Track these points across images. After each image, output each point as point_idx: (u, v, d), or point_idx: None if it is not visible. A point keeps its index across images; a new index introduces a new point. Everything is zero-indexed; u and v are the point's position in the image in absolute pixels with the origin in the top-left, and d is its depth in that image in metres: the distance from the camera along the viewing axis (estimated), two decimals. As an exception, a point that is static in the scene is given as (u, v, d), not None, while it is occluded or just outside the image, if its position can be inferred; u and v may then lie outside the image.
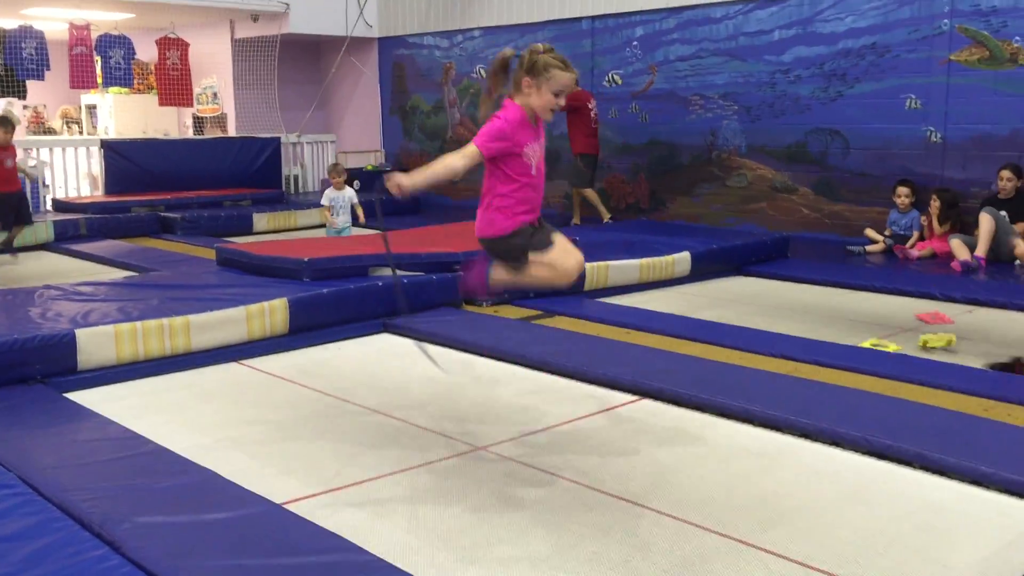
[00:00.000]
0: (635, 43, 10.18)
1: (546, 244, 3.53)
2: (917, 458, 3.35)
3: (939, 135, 8.13)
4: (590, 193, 9.62)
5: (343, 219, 8.41)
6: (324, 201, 8.46)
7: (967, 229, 7.60)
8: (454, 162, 3.40)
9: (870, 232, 8.22)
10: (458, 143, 12.11)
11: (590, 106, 9.45)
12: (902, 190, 8.05)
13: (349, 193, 8.47)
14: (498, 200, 3.49)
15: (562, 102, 3.45)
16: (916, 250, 7.76)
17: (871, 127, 8.53)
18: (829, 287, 6.82)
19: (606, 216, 9.57)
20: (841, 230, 8.76)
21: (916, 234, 7.96)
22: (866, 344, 5.02)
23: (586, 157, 9.46)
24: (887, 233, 8.13)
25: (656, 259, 6.81)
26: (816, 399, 3.96)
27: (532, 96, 3.41)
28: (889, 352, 4.83)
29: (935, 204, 7.79)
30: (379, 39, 13.13)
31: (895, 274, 7.06)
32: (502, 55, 3.49)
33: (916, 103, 8.24)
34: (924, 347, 4.96)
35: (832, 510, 3.05)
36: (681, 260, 6.98)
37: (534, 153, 3.47)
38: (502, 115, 3.44)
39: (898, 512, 3.02)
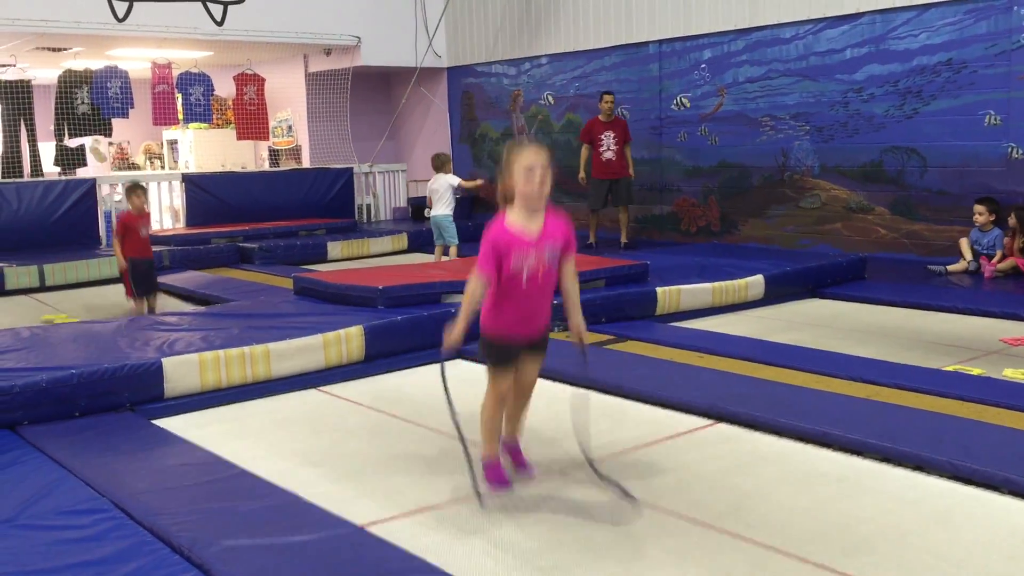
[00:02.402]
0: (703, 65, 10.16)
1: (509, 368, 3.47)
2: (1005, 483, 3.26)
3: (1021, 151, 7.92)
4: (621, 216, 10.23)
5: (434, 209, 8.56)
6: (428, 192, 8.79)
7: (1052, 247, 7.38)
8: (474, 290, 3.35)
9: (964, 244, 7.95)
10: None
11: (601, 137, 9.95)
12: (979, 208, 7.86)
13: (446, 178, 8.61)
14: (491, 301, 3.42)
15: (537, 181, 3.32)
16: (991, 265, 7.54)
17: (949, 144, 8.36)
18: (909, 308, 6.67)
19: (591, 238, 10.18)
20: (920, 250, 8.57)
21: (1000, 252, 7.75)
22: (950, 368, 4.89)
23: (595, 182, 10.08)
24: (970, 255, 7.91)
25: (729, 283, 6.76)
26: (897, 423, 3.88)
27: (514, 190, 3.36)
28: (973, 375, 4.71)
29: (1013, 221, 7.58)
30: (448, 69, 13.34)
31: (978, 294, 6.88)
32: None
33: (996, 119, 8.05)
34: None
35: (916, 536, 2.98)
36: (754, 283, 6.91)
37: (526, 262, 3.33)
38: (492, 226, 3.37)
39: (985, 538, 2.94)
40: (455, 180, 8.70)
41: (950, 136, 8.34)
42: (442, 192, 8.58)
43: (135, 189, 7.16)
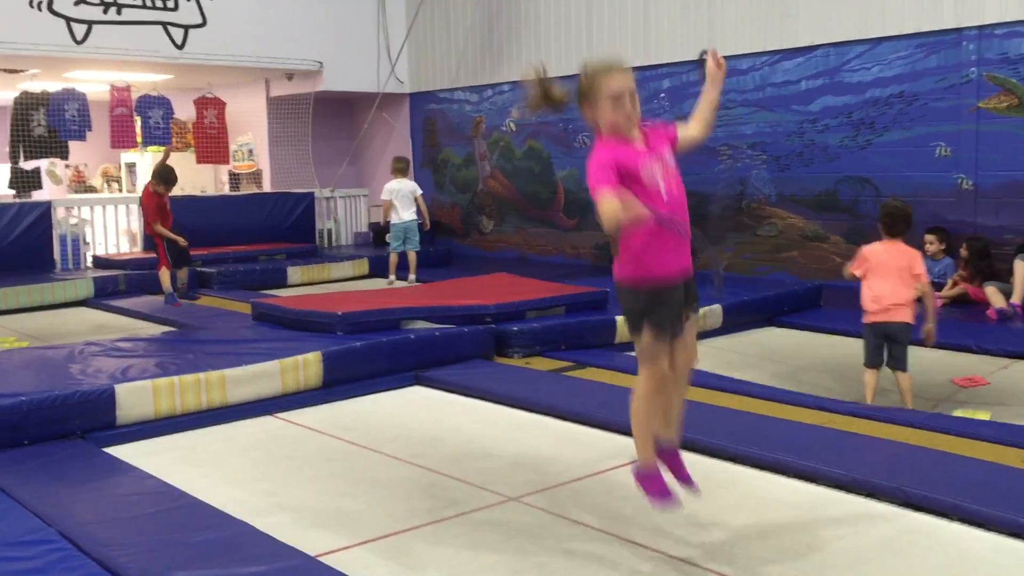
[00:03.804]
0: (663, 95, 10.29)
1: (677, 327, 2.94)
2: (954, 509, 3.31)
3: (970, 182, 8.11)
4: None
5: (405, 213, 8.44)
6: (385, 195, 8.53)
7: (999, 276, 7.53)
8: (614, 203, 2.72)
9: None
10: (489, 195, 12.32)
11: None
12: (929, 237, 8.02)
13: (410, 184, 8.52)
14: (633, 238, 2.91)
15: (629, 108, 2.93)
16: (939, 296, 7.69)
17: (901, 175, 8.52)
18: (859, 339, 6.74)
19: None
20: (874, 278, 8.70)
21: (951, 281, 7.90)
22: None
23: None
24: (920, 281, 8.07)
25: (687, 310, 6.80)
26: (851, 450, 3.94)
27: (600, 120, 2.98)
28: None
29: (965, 252, 7.74)
30: (410, 94, 13.37)
31: (929, 322, 6.98)
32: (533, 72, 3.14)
33: (946, 151, 8.23)
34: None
35: (867, 563, 3.01)
36: (712, 313, 6.97)
37: (655, 173, 2.91)
38: (598, 150, 2.95)
39: (935, 564, 2.98)
40: (418, 190, 8.64)
41: (902, 167, 8.51)
42: (406, 196, 8.50)
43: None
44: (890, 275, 5.11)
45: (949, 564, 2.98)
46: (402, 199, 8.51)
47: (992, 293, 7.26)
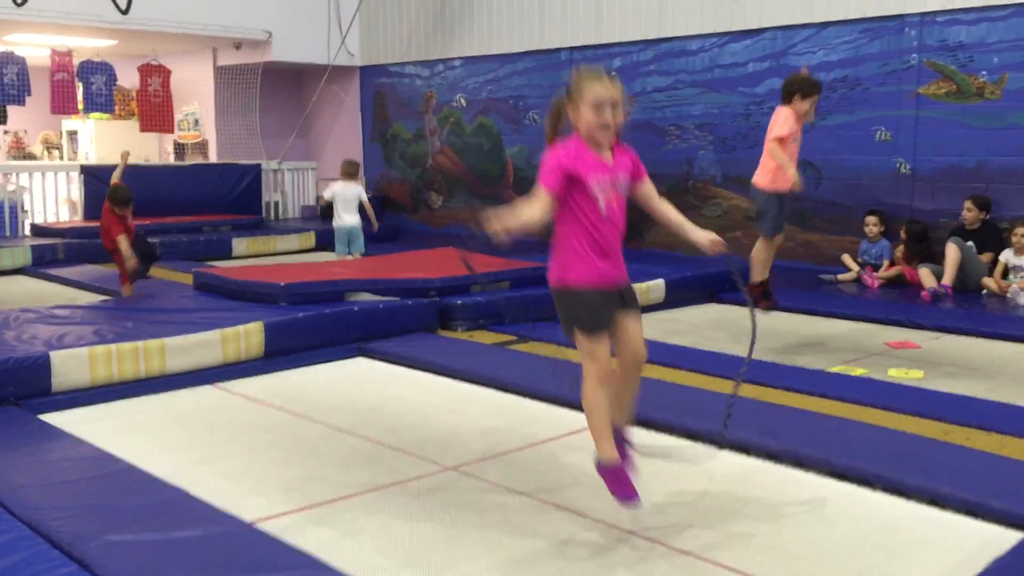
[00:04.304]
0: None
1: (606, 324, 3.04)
2: (876, 479, 3.42)
3: (908, 167, 8.30)
4: None
5: (349, 217, 8.15)
6: (326, 194, 8.22)
7: (936, 259, 7.73)
8: (532, 213, 2.91)
9: (847, 259, 8.34)
10: (438, 171, 12.29)
11: None
12: (870, 219, 8.20)
13: (356, 189, 8.26)
14: (563, 241, 3.06)
15: (608, 118, 3.00)
16: (875, 276, 7.89)
17: (843, 158, 8.69)
18: (801, 314, 6.92)
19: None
20: (814, 259, 8.89)
21: (887, 263, 8.10)
22: (835, 369, 5.10)
23: None
24: (859, 262, 8.26)
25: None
26: (780, 422, 4.04)
27: (579, 122, 3.06)
28: (855, 376, 4.92)
29: (903, 236, 7.94)
30: (361, 68, 13.25)
31: (866, 302, 7.18)
32: (557, 100, 3.16)
33: (886, 135, 8.40)
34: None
35: (792, 528, 3.11)
36: (655, 287, 7.07)
37: (602, 188, 3.01)
38: (559, 146, 3.07)
39: (856, 531, 3.09)
40: (364, 195, 8.49)
41: (844, 150, 8.67)
42: (351, 201, 8.39)
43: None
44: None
45: (869, 531, 3.09)
46: (345, 203, 8.28)
47: (926, 275, 7.45)
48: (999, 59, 7.74)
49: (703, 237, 3.21)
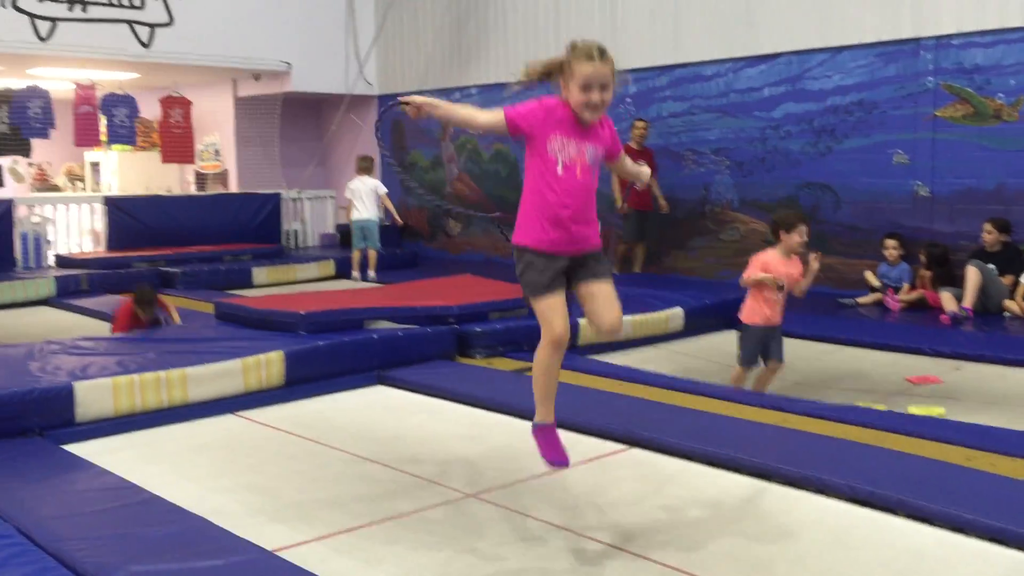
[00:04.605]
0: (628, 100, 10.39)
1: (555, 288, 3.08)
2: (899, 505, 3.40)
3: (927, 189, 8.28)
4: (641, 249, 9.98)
5: (364, 211, 8.22)
6: (347, 193, 8.42)
7: (957, 282, 7.68)
8: (476, 114, 3.14)
9: (869, 276, 8.28)
10: (456, 198, 12.35)
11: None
12: (889, 242, 8.17)
13: (372, 182, 8.37)
14: (525, 198, 3.12)
15: (596, 98, 3.03)
16: (896, 300, 7.84)
17: (860, 181, 8.68)
18: (821, 342, 6.84)
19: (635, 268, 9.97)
20: (833, 283, 8.85)
21: (907, 286, 8.05)
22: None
23: (632, 213, 9.61)
24: (878, 285, 8.22)
25: (649, 315, 6.89)
26: (803, 448, 4.02)
27: (568, 96, 3.08)
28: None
29: (923, 260, 7.90)
30: (379, 96, 13.38)
31: (886, 328, 7.13)
32: (552, 60, 3.19)
33: (903, 158, 8.39)
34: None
35: (814, 557, 3.09)
36: (674, 316, 7.06)
37: (564, 150, 3.03)
38: (544, 99, 3.11)
39: (880, 558, 3.07)
40: (382, 188, 8.54)
41: (861, 173, 8.66)
42: (367, 195, 8.44)
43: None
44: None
45: (893, 558, 3.07)
46: (362, 197, 8.43)
47: (947, 299, 7.41)
48: (1016, 81, 7.74)
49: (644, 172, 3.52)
